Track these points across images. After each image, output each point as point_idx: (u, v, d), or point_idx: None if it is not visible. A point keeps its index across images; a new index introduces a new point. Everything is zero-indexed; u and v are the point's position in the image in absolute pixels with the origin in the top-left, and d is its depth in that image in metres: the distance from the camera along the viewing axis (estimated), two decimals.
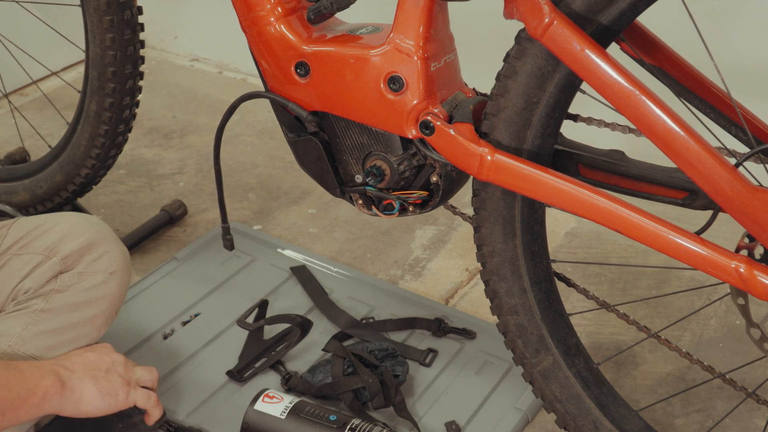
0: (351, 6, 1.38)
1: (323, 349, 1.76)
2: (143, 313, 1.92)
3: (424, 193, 1.37)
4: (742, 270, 1.13)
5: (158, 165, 2.64)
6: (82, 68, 2.55)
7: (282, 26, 1.36)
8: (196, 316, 1.92)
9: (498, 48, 1.29)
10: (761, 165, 1.26)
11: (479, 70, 1.70)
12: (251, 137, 2.78)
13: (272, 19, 1.37)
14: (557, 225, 2.26)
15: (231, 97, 2.97)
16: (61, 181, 2.09)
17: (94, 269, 1.49)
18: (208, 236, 2.18)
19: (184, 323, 1.90)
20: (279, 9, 1.37)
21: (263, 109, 2.78)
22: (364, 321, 1.89)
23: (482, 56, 1.91)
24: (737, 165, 1.15)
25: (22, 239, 1.48)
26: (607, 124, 1.32)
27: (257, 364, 1.77)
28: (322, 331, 1.86)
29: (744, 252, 1.24)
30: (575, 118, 1.35)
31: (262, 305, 1.88)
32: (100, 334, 1.52)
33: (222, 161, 2.64)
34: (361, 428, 1.51)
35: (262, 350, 1.79)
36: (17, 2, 2.27)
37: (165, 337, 1.86)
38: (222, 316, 1.91)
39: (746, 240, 1.25)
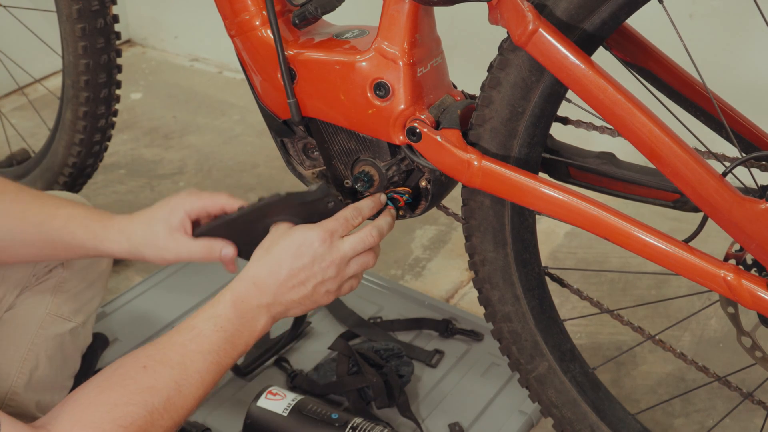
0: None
1: (329, 348, 1.78)
2: (153, 309, 1.95)
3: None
4: (730, 279, 1.11)
5: (158, 165, 2.64)
6: None
7: (268, 31, 1.34)
8: None
9: (491, 49, 1.27)
10: (756, 166, 1.24)
11: (473, 71, 1.68)
12: (251, 137, 2.77)
13: (257, 23, 1.35)
14: (557, 225, 2.25)
15: (231, 97, 3.01)
16: (41, 188, 2.08)
17: None
18: None
19: None
20: (264, 13, 1.35)
21: None
22: (371, 320, 1.90)
23: (475, 57, 1.89)
24: (725, 174, 1.13)
25: None
26: (595, 128, 1.30)
27: (262, 361, 1.79)
28: (329, 330, 1.87)
29: (732, 261, 1.22)
30: (564, 121, 1.34)
31: None
32: (104, 293, 1.67)
33: (222, 161, 2.65)
34: (362, 427, 1.52)
35: (268, 348, 1.80)
36: (4, 7, 2.27)
37: None
38: None
39: (735, 248, 1.23)
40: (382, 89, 1.27)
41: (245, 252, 1.32)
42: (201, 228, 1.33)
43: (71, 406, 1.12)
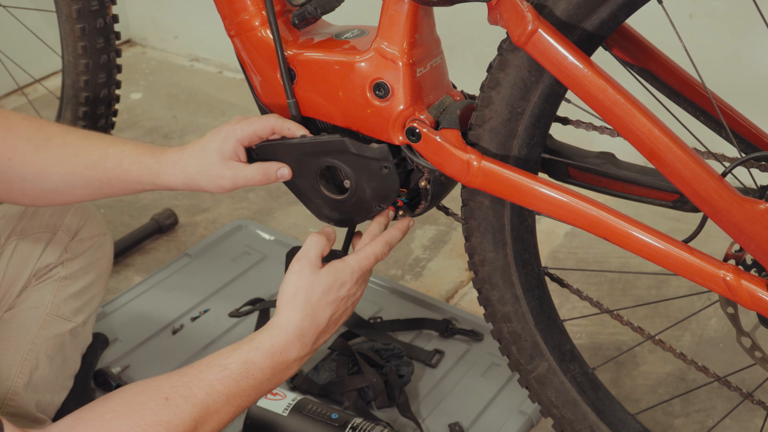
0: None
1: (329, 348, 1.78)
2: (153, 308, 1.95)
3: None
4: (729, 279, 1.11)
5: None
6: None
7: (267, 31, 1.34)
8: (205, 312, 1.95)
9: (491, 49, 1.27)
10: (755, 167, 1.24)
11: (473, 71, 1.68)
12: None
13: (257, 23, 1.35)
14: (557, 225, 2.25)
15: (231, 97, 3.01)
16: None
17: (90, 233, 1.61)
18: (219, 233, 2.19)
19: (194, 319, 1.93)
20: (264, 13, 1.35)
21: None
22: (371, 320, 1.90)
23: (475, 57, 1.89)
24: (724, 174, 1.13)
25: (17, 224, 1.54)
26: (595, 128, 1.30)
27: None
28: None
29: (732, 261, 1.22)
30: (564, 121, 1.34)
31: (256, 302, 1.94)
32: (104, 293, 1.68)
33: None
34: (362, 427, 1.52)
35: None
36: (4, 7, 2.27)
37: (174, 332, 1.89)
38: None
39: (735, 249, 1.23)
40: (381, 89, 1.27)
41: (291, 182, 1.36)
42: (258, 146, 1.33)
43: (82, 427, 1.10)
